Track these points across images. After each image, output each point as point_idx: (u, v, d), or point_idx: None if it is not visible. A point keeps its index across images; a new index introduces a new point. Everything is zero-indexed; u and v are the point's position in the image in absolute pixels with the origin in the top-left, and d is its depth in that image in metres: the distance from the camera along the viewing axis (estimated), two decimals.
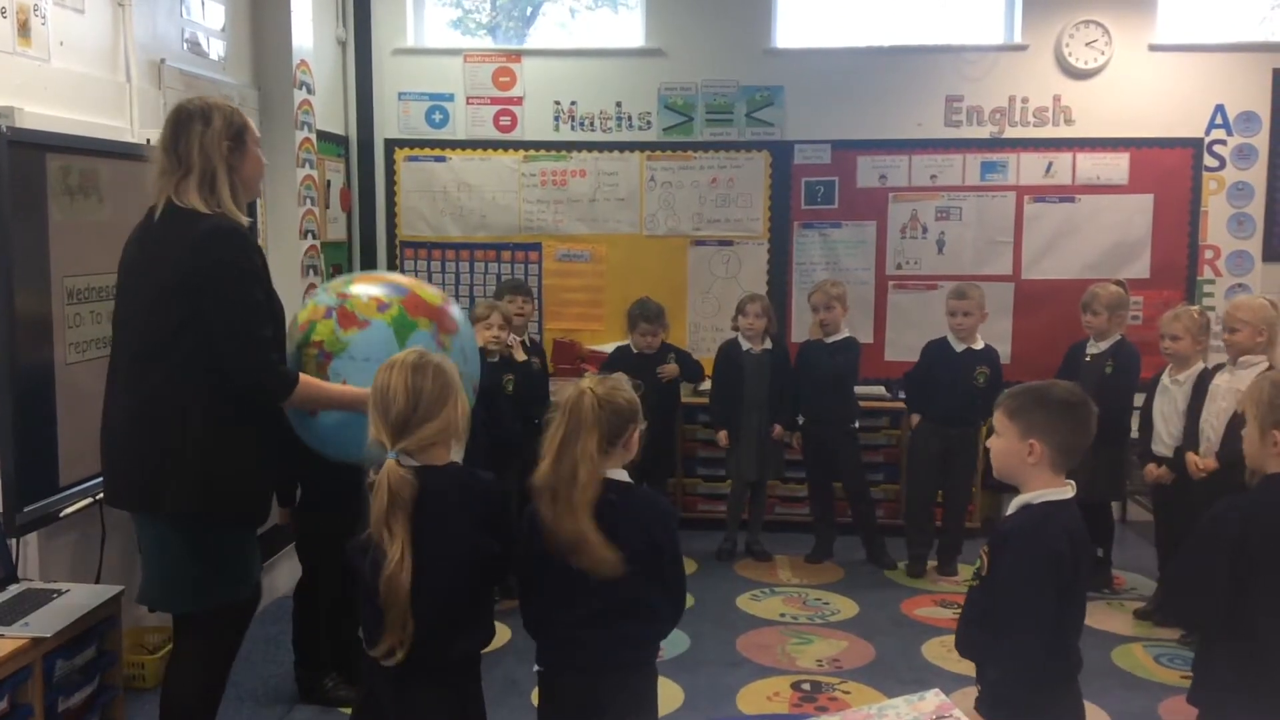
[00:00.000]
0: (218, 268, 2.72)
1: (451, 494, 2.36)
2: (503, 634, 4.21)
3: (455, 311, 3.22)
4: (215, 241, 2.73)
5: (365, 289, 3.11)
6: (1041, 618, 2.24)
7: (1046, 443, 2.31)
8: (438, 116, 6.36)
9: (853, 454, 5.52)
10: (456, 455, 2.46)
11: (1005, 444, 2.37)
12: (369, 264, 6.31)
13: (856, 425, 5.51)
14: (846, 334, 5.46)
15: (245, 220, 2.87)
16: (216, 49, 4.79)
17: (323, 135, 5.63)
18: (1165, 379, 4.71)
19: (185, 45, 4.54)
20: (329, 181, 5.84)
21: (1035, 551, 2.26)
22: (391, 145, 6.36)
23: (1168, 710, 3.85)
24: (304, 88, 5.24)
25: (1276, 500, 2.39)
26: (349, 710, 2.96)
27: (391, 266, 6.40)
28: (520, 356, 4.89)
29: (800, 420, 5.48)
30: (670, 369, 5.35)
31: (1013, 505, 2.39)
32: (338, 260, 6.03)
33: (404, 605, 2.24)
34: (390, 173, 6.38)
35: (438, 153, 6.37)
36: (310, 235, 5.30)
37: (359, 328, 2.98)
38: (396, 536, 2.24)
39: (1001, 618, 2.28)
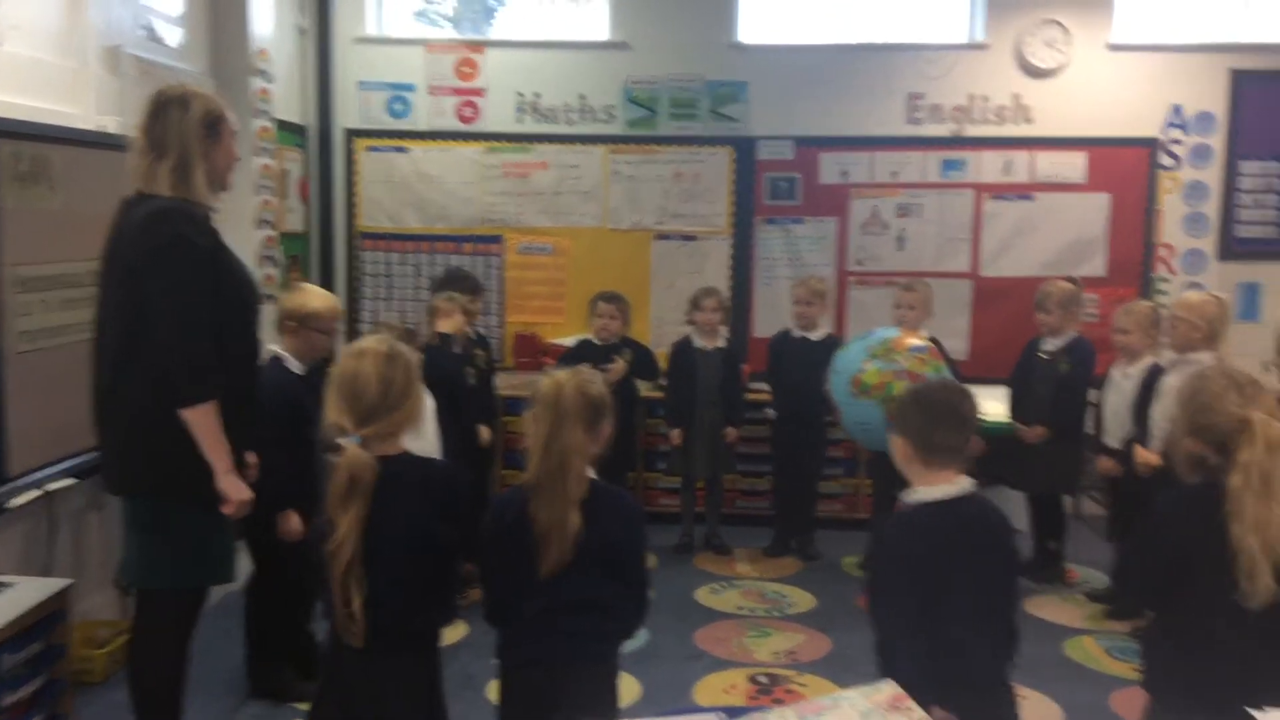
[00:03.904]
0: (160, 248, 2.68)
1: (409, 481, 2.37)
2: (459, 629, 4.20)
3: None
4: (158, 221, 2.69)
5: (910, 351, 4.40)
6: (906, 618, 2.29)
7: (907, 437, 2.38)
8: (399, 106, 6.31)
9: (820, 449, 5.57)
10: (410, 444, 2.45)
11: (893, 443, 2.45)
12: (327, 255, 6.25)
13: (829, 420, 5.52)
14: (828, 330, 5.47)
15: (216, 207, 2.87)
16: (174, 36, 4.73)
17: (282, 125, 5.57)
18: (1115, 373, 4.76)
19: (142, 32, 4.48)
20: (287, 171, 5.78)
21: (893, 557, 2.36)
22: (351, 135, 6.30)
23: (1118, 702, 3.91)
24: (262, 76, 5.19)
25: (1217, 494, 2.43)
26: (304, 705, 2.94)
27: (350, 258, 6.35)
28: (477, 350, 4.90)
29: (773, 414, 5.50)
30: (616, 369, 5.11)
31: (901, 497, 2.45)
32: (296, 251, 5.97)
33: (344, 577, 2.26)
34: (350, 163, 6.32)
35: (398, 143, 6.32)
36: (267, 225, 5.24)
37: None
38: (349, 514, 2.25)
39: (874, 621, 2.40)
